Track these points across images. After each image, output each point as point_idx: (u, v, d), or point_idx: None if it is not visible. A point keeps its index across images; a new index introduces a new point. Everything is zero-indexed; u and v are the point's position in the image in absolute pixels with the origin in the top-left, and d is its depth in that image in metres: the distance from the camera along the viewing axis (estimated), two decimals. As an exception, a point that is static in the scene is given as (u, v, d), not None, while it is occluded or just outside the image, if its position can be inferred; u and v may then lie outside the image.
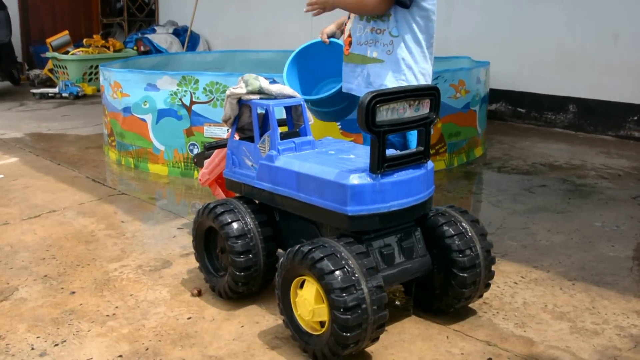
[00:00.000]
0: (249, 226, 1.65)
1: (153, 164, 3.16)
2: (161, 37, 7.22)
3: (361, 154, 1.56)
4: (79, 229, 2.37)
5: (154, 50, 7.10)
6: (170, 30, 7.38)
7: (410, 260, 1.51)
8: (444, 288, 1.54)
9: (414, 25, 1.86)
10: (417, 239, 1.53)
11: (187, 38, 7.04)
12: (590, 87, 4.23)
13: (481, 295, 1.61)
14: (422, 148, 1.46)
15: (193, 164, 2.32)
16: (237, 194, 1.78)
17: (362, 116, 1.33)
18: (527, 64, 4.55)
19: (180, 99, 2.99)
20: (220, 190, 2.09)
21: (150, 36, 7.20)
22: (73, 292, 1.84)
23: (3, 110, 5.30)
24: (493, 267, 1.58)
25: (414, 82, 1.87)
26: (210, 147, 2.02)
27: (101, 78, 3.48)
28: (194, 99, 2.96)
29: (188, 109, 2.99)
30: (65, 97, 6.08)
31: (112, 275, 1.95)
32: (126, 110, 3.20)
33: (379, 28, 1.88)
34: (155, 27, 7.39)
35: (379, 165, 1.38)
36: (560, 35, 4.33)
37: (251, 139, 1.70)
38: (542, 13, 4.41)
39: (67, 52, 6.69)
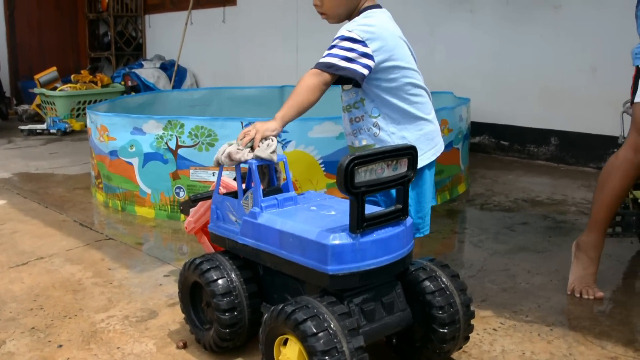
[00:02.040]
0: (234, 283, 1.68)
1: (140, 207, 3.19)
2: (148, 72, 7.29)
3: (342, 209, 1.60)
4: (66, 277, 2.39)
5: (142, 85, 7.17)
6: (158, 65, 7.45)
7: (391, 315, 1.55)
8: (424, 342, 1.58)
9: (387, 95, 1.81)
10: (398, 294, 1.57)
11: (175, 72, 7.12)
12: (571, 120, 4.33)
13: (460, 347, 1.64)
14: (400, 206, 1.51)
15: (179, 210, 2.36)
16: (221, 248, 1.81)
17: (341, 178, 1.38)
18: (510, 98, 4.64)
19: (166, 143, 3.04)
20: (206, 239, 2.12)
21: (137, 71, 7.26)
22: (60, 346, 1.85)
23: (-10, 149, 5.33)
24: (473, 320, 1.62)
25: (429, 150, 1.91)
26: (196, 198, 2.06)
27: (88, 120, 3.53)
28: (179, 143, 3.01)
29: (174, 152, 3.03)
30: (53, 134, 6.11)
31: (99, 326, 1.97)
32: (113, 153, 3.24)
33: (356, 116, 1.87)
34: (143, 62, 7.47)
35: (358, 225, 1.43)
36: (542, 70, 4.43)
37: (235, 195, 1.75)
38: (523, 49, 4.52)
39: (55, 88, 6.73)
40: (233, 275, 1.70)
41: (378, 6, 1.92)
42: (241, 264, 1.73)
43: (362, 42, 1.76)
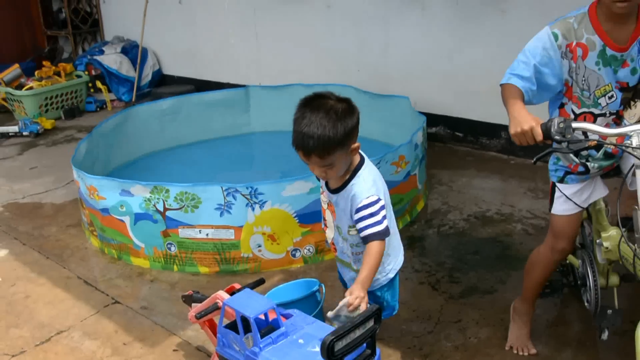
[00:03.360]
0: (241, 397, 2.11)
1: (135, 258, 3.56)
2: (110, 58, 7.39)
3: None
4: (89, 356, 2.79)
5: (105, 72, 7.29)
6: (119, 49, 7.53)
7: None
8: None
9: None
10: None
11: (139, 58, 7.23)
12: (516, 117, 4.71)
13: None
14: (369, 351, 1.93)
15: (182, 300, 2.73)
16: (227, 363, 2.23)
17: (324, 353, 1.79)
18: (462, 94, 5.00)
19: (154, 205, 3.37)
20: (208, 329, 2.54)
21: (99, 58, 7.36)
22: None
23: (-33, 164, 5.54)
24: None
25: (398, 265, 2.35)
26: (194, 300, 2.49)
27: (75, 174, 3.80)
28: (166, 206, 3.34)
29: (162, 214, 3.37)
30: (26, 136, 6.30)
31: (129, 419, 2.40)
32: (104, 210, 3.56)
33: (357, 252, 2.31)
34: (104, 48, 7.52)
35: (339, 377, 1.85)
36: (490, 69, 4.75)
37: (235, 326, 2.14)
38: (473, 48, 4.83)
39: (20, 85, 6.85)
40: (239, 389, 2.12)
41: (363, 160, 2.27)
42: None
43: (379, 201, 2.18)
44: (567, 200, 2.33)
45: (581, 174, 2.31)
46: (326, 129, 2.05)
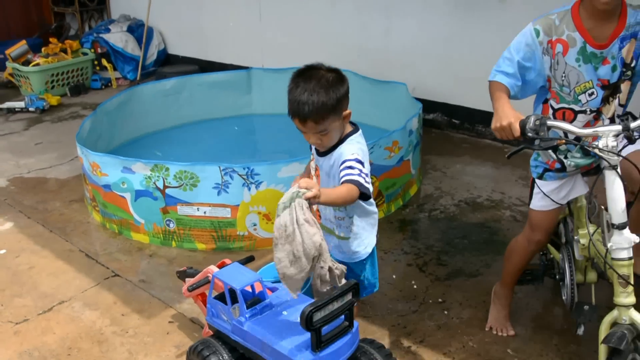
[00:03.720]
0: (228, 362, 2.25)
1: (135, 233, 3.69)
2: (116, 37, 7.48)
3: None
4: (89, 325, 2.92)
5: (111, 50, 7.39)
6: (125, 28, 7.62)
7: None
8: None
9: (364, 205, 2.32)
10: (349, 374, 2.15)
11: (144, 37, 7.31)
12: (513, 106, 4.80)
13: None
14: (347, 323, 2.05)
15: (177, 276, 2.86)
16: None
17: (303, 322, 1.91)
18: (460, 81, 5.08)
19: (154, 183, 3.49)
20: (200, 303, 2.67)
21: (105, 36, 7.45)
22: (98, 407, 2.43)
23: (-25, 134, 5.67)
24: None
25: (373, 241, 2.40)
26: (187, 275, 2.63)
27: (79, 151, 3.92)
28: (166, 184, 3.46)
29: (162, 191, 3.49)
30: (32, 111, 6.42)
31: (125, 384, 2.54)
32: (106, 187, 3.68)
33: (340, 216, 2.35)
34: (110, 26, 7.61)
35: (317, 346, 1.98)
36: (488, 58, 4.83)
37: (223, 297, 2.27)
38: (471, 37, 4.91)
39: (27, 61, 6.95)
40: (227, 357, 2.25)
41: (355, 130, 2.32)
42: (232, 347, 2.28)
43: (361, 162, 2.20)
44: (545, 196, 2.40)
45: (559, 171, 2.37)
46: (320, 96, 2.15)
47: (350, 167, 2.20)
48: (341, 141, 2.30)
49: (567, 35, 2.17)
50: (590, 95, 2.21)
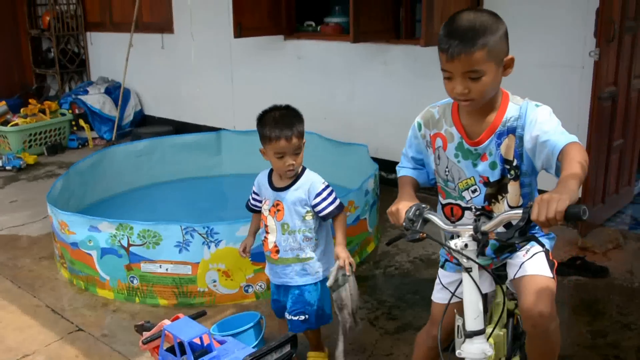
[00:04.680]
0: (179, 414, 2.37)
1: (101, 289, 3.82)
2: (94, 98, 7.74)
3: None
4: (49, 380, 3.04)
5: (88, 111, 7.63)
6: (102, 90, 7.89)
7: None
8: None
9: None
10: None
11: (120, 97, 7.56)
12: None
13: None
14: (290, 370, 2.21)
15: (135, 330, 3.00)
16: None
17: (241, 372, 2.07)
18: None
19: (119, 241, 3.65)
20: (156, 355, 2.80)
21: (83, 97, 7.71)
22: None
23: (-48, 195, 5.80)
24: None
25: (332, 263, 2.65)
26: (144, 329, 2.78)
27: (49, 210, 4.09)
28: (130, 242, 3.63)
29: (126, 249, 3.65)
30: (9, 170, 6.58)
31: None
32: (74, 244, 3.83)
33: (308, 237, 2.69)
34: (88, 88, 7.87)
35: (259, 395, 2.13)
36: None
37: (173, 350, 2.41)
38: (429, 100, 5.20)
39: (6, 122, 7.15)
40: (178, 407, 2.38)
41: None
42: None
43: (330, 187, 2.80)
44: (444, 288, 2.25)
45: (458, 264, 1.96)
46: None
47: (329, 195, 2.71)
48: (301, 173, 2.72)
49: (445, 130, 2.08)
50: (473, 192, 2.05)
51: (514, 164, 2.00)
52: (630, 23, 4.32)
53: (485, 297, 2.07)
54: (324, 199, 2.68)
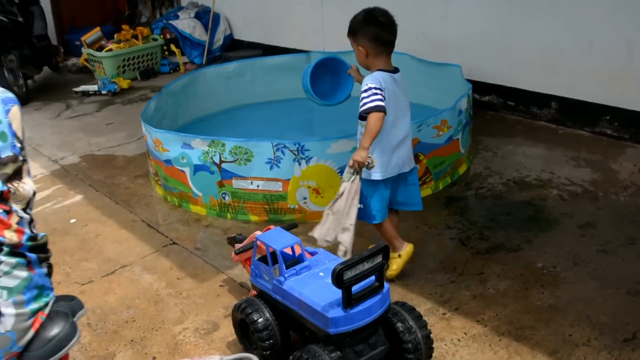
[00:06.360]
0: (269, 321, 2.41)
1: (194, 205, 3.92)
2: (184, 23, 7.79)
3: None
4: (146, 287, 3.17)
5: (179, 36, 7.70)
6: (193, 15, 7.91)
7: (375, 350, 2.26)
8: (399, 365, 2.27)
9: None
10: (379, 334, 2.27)
11: (210, 24, 7.58)
12: (568, 88, 4.77)
13: (426, 362, 2.34)
14: (377, 283, 2.18)
15: (227, 242, 3.07)
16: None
17: (334, 279, 2.05)
18: (516, 63, 5.07)
19: (212, 158, 3.70)
20: (248, 266, 2.86)
21: (174, 22, 7.77)
22: (154, 358, 2.65)
23: (53, 118, 6.08)
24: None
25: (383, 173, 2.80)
26: (235, 241, 2.83)
27: (143, 128, 4.19)
28: (222, 159, 3.67)
29: (218, 166, 3.70)
30: (104, 94, 6.80)
31: (179, 339, 2.75)
32: (168, 162, 3.92)
33: (362, 132, 2.76)
34: (179, 13, 7.92)
35: (348, 304, 2.12)
36: (543, 40, 4.82)
37: (266, 259, 2.44)
38: (528, 18, 4.89)
39: (101, 47, 7.35)
40: (268, 315, 2.42)
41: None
42: (272, 305, 2.45)
43: (372, 88, 2.73)
44: None
45: None
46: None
47: (364, 95, 2.73)
48: None
49: None
50: None
51: None
52: None
53: None
54: (361, 99, 2.72)
